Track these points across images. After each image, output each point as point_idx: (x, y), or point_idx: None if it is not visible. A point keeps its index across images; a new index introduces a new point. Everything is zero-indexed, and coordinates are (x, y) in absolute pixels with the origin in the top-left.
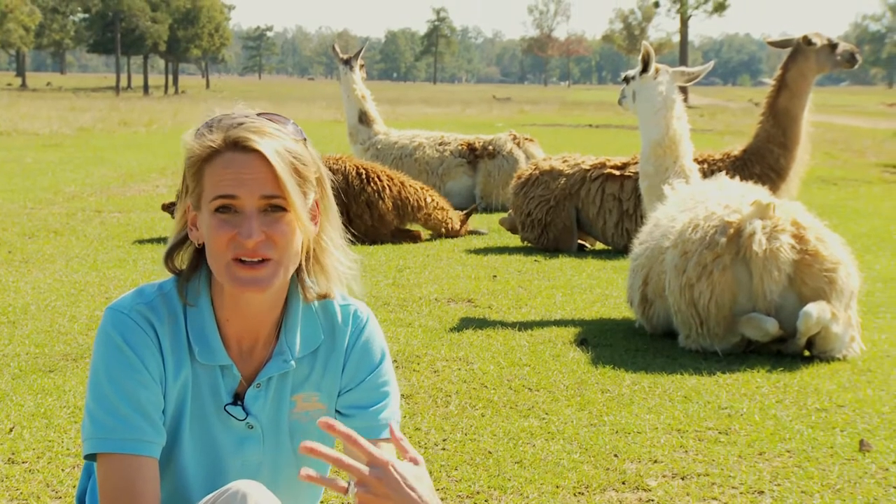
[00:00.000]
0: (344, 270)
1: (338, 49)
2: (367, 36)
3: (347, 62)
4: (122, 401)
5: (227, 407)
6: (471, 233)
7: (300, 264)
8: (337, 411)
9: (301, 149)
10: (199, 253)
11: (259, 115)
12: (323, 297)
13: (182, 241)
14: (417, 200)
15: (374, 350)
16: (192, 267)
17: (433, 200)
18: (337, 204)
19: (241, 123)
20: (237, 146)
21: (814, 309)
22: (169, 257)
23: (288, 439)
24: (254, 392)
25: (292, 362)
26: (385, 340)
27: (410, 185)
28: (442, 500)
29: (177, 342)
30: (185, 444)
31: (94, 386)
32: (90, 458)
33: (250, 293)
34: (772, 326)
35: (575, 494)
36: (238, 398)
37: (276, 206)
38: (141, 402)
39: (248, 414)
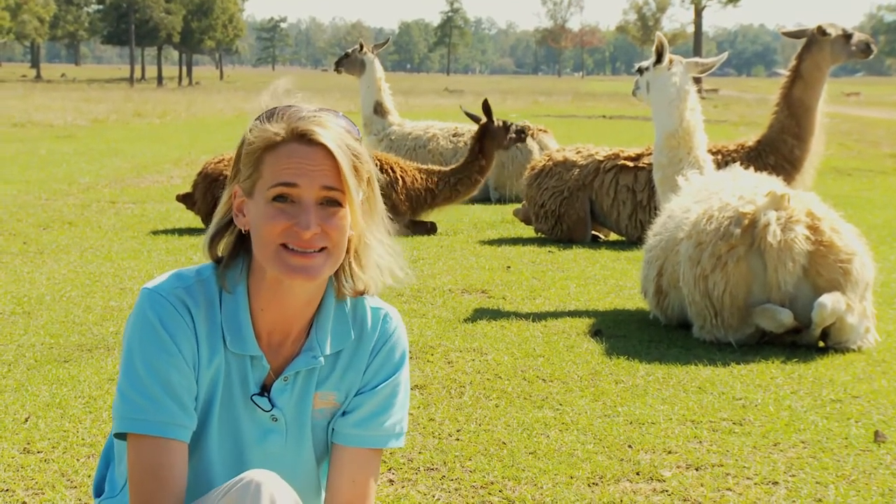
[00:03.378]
0: (386, 264)
1: (364, 46)
2: (380, 27)
3: (371, 52)
4: (154, 383)
5: (253, 397)
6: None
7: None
8: (343, 411)
9: (358, 146)
10: (240, 240)
11: (319, 110)
12: (360, 293)
13: (225, 226)
14: (426, 190)
15: (397, 357)
16: (232, 254)
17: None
18: None
19: (307, 117)
20: (303, 138)
21: (828, 300)
22: (212, 243)
23: (309, 434)
24: (281, 385)
25: (321, 359)
26: (407, 344)
27: (421, 177)
28: (455, 490)
29: (212, 329)
30: (213, 430)
31: (128, 366)
32: (120, 436)
33: (300, 281)
34: (786, 317)
35: (589, 485)
36: (265, 389)
37: (332, 200)
38: (173, 386)
39: (273, 406)
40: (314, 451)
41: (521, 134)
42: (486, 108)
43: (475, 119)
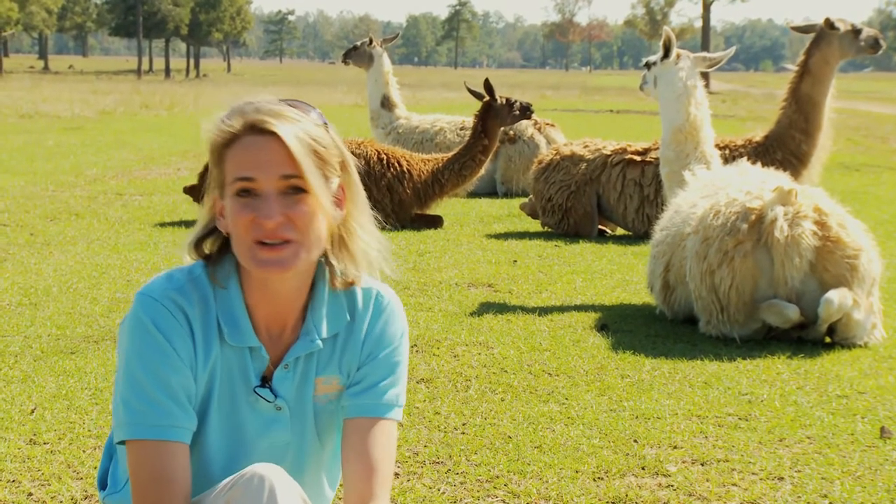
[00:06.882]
0: (374, 254)
1: (373, 40)
2: (388, 20)
3: (380, 46)
4: (154, 386)
5: (256, 389)
6: None
7: (327, 249)
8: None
9: (321, 133)
10: (226, 239)
11: (282, 101)
12: (350, 284)
13: (209, 231)
14: (433, 180)
15: (393, 332)
16: (220, 252)
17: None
18: None
19: (262, 109)
20: (255, 129)
21: (835, 296)
22: (196, 246)
23: (312, 420)
24: (282, 373)
25: (319, 342)
26: (407, 323)
27: (427, 168)
28: (461, 483)
29: (207, 325)
30: (212, 425)
31: (126, 371)
32: (120, 442)
33: (272, 274)
34: (793, 313)
35: (594, 479)
36: (265, 380)
37: (296, 188)
38: (172, 387)
39: (276, 396)
40: (319, 437)
41: (526, 111)
42: (488, 86)
43: (478, 96)
